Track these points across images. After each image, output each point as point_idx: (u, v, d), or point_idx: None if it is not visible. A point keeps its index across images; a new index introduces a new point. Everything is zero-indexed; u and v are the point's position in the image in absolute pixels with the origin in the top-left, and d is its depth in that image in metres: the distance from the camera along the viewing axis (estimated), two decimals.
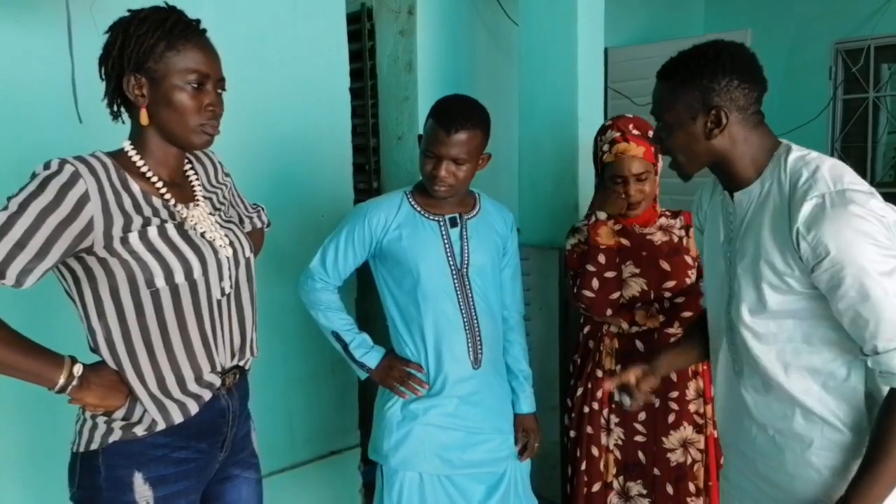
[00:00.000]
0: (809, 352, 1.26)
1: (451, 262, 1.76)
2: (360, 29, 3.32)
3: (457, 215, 1.79)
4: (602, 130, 1.97)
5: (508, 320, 1.92)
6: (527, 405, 1.93)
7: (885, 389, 1.20)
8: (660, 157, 1.93)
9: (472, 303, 1.77)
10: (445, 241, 1.76)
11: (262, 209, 1.69)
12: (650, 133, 1.86)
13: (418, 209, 1.78)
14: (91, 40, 1.87)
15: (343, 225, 1.80)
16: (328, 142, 2.54)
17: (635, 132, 1.88)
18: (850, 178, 1.19)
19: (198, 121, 1.25)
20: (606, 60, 3.84)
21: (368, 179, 3.43)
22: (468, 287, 1.77)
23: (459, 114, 1.68)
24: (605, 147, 1.92)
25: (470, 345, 1.77)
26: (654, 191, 1.95)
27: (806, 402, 1.27)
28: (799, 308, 1.25)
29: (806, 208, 1.17)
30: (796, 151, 1.26)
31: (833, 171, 1.20)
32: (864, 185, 1.19)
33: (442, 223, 1.77)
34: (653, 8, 4.62)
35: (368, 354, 1.83)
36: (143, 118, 1.23)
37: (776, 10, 4.61)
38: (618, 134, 1.89)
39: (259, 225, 1.67)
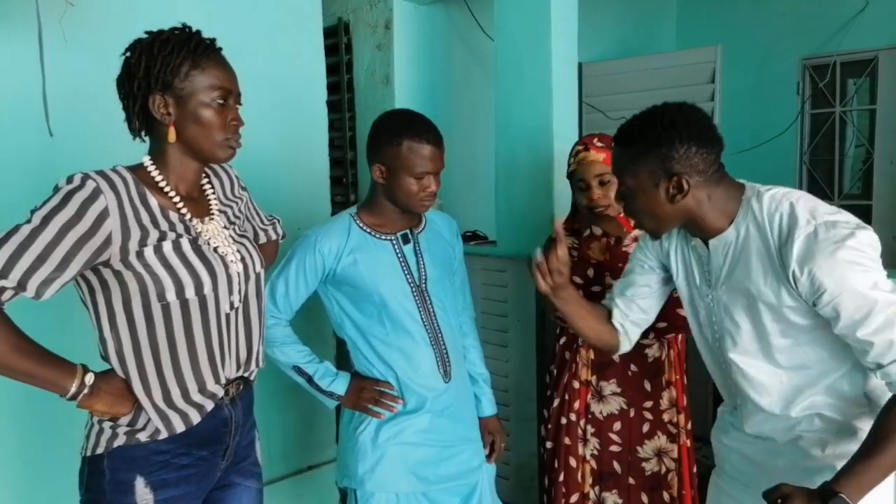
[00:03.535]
0: (814, 385, 1.32)
1: (410, 280, 1.74)
2: (338, 43, 3.34)
3: (408, 231, 1.77)
4: (571, 149, 2.04)
5: (463, 326, 1.92)
6: (489, 408, 1.94)
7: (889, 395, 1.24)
8: None
9: (434, 317, 1.76)
10: (401, 260, 1.74)
11: (278, 221, 1.71)
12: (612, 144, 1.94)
13: (368, 230, 1.74)
14: (62, 53, 1.87)
15: (291, 256, 1.74)
16: (306, 155, 2.55)
17: (598, 144, 1.96)
18: (824, 209, 1.24)
19: (223, 135, 1.30)
20: (580, 75, 3.89)
21: (346, 192, 3.44)
22: (429, 302, 1.75)
23: (429, 125, 1.67)
24: (571, 160, 2.00)
25: (438, 359, 1.76)
26: None
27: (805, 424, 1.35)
28: (806, 340, 1.30)
29: (796, 249, 1.21)
30: (765, 193, 1.30)
31: (806, 206, 1.24)
32: (839, 214, 1.23)
33: (395, 241, 1.74)
34: (625, 24, 4.70)
35: (335, 382, 1.78)
36: (172, 136, 1.28)
37: (746, 27, 4.71)
38: (581, 147, 1.99)
39: (274, 237, 1.69)
